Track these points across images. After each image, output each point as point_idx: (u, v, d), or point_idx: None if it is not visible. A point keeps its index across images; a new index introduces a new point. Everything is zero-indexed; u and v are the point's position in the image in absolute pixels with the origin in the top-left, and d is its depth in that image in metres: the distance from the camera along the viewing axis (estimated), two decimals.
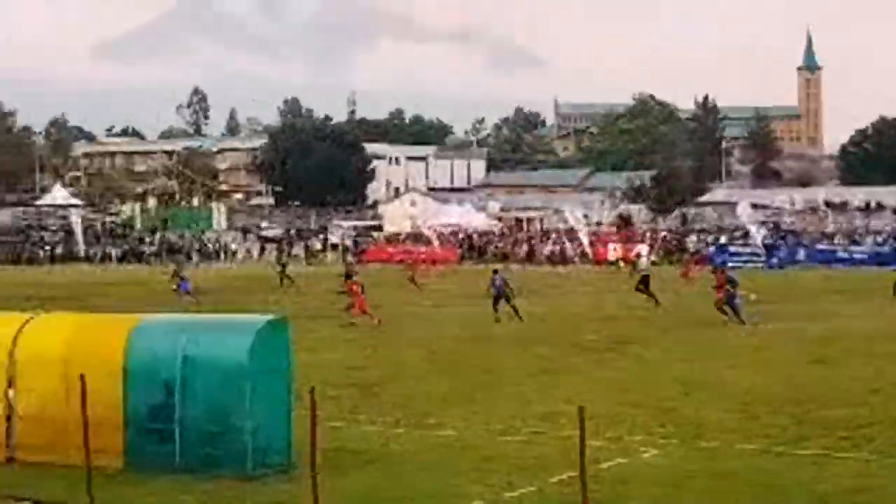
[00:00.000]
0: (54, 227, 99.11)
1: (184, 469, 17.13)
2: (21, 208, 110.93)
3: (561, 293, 52.40)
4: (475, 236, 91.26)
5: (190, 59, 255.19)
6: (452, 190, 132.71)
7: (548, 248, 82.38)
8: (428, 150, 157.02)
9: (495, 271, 42.57)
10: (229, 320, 20.30)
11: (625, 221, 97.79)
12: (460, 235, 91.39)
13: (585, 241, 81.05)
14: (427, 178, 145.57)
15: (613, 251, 78.78)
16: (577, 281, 59.71)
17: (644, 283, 45.12)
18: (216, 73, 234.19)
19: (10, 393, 18.55)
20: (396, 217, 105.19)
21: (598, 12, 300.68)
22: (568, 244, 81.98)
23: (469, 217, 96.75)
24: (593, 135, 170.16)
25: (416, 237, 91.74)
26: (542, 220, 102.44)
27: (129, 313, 21.16)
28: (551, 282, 57.47)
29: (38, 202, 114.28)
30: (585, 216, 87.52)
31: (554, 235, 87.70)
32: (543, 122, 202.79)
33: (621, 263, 64.08)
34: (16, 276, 69.49)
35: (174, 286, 49.90)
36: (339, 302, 42.45)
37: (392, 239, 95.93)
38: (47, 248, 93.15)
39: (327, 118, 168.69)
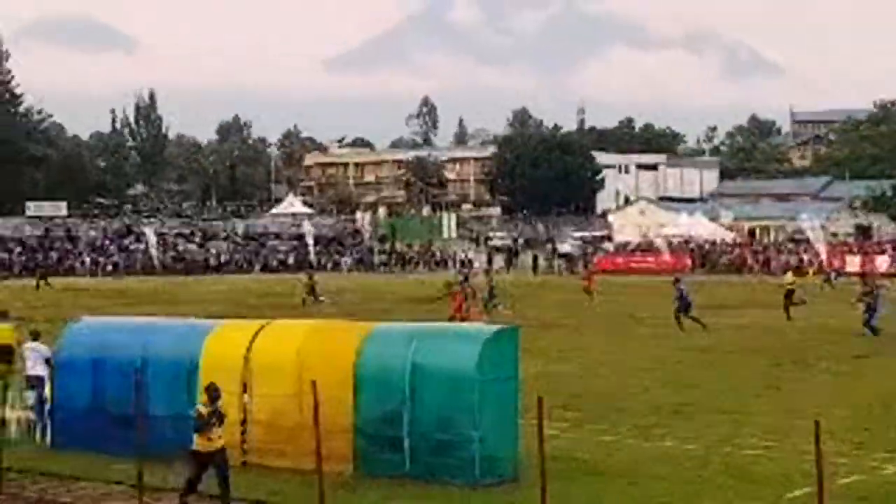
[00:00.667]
0: (286, 236, 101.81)
1: (412, 477, 17.23)
2: (255, 219, 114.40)
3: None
4: (707, 246, 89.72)
5: (420, 69, 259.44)
6: (683, 199, 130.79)
7: (783, 259, 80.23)
8: (658, 158, 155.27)
9: (676, 279, 42.28)
10: (458, 329, 20.37)
11: (864, 232, 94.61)
12: (691, 245, 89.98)
13: (823, 252, 78.68)
14: (657, 187, 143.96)
15: (852, 263, 76.39)
16: (811, 293, 57.92)
17: (788, 297, 44.63)
18: (445, 84, 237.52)
19: (246, 398, 19.01)
20: (626, 226, 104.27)
21: (837, 18, 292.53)
22: (804, 255, 79.80)
23: (700, 226, 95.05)
24: (832, 142, 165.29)
25: (646, 247, 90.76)
26: (776, 231, 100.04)
27: (359, 321, 21.44)
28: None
29: (273, 211, 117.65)
30: (822, 227, 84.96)
31: (790, 246, 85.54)
32: (779, 131, 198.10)
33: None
34: (249, 285, 71.55)
35: (304, 295, 51.95)
36: (568, 313, 42.28)
37: (621, 249, 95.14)
38: (280, 256, 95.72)
39: (556, 127, 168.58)
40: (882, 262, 76.00)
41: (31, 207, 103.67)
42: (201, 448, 16.03)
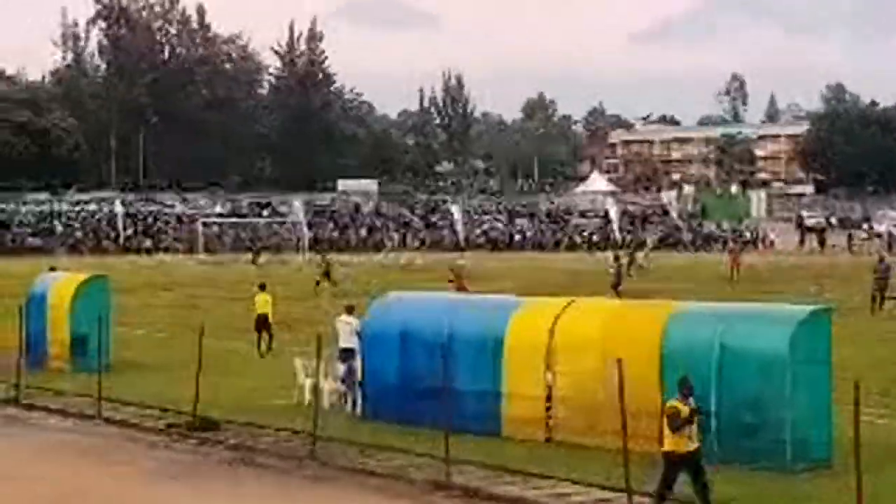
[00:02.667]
0: (591, 214, 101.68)
1: (721, 460, 16.80)
2: (559, 196, 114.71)
3: None
4: None
5: (728, 44, 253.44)
6: None
7: None
8: None
9: (881, 259, 40.26)
10: (769, 310, 19.74)
11: None
12: None
13: None
14: None
15: None
16: None
17: None
18: (755, 59, 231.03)
19: (549, 375, 18.99)
20: None
21: None
22: None
23: None
24: None
25: None
26: None
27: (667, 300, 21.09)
28: None
29: (577, 189, 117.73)
30: None
31: None
32: None
33: None
34: (554, 262, 71.76)
35: (317, 279, 48.94)
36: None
37: None
38: (585, 234, 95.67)
39: (873, 103, 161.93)
40: None
41: (343, 185, 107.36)
42: (675, 448, 14.48)
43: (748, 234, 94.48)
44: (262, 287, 31.95)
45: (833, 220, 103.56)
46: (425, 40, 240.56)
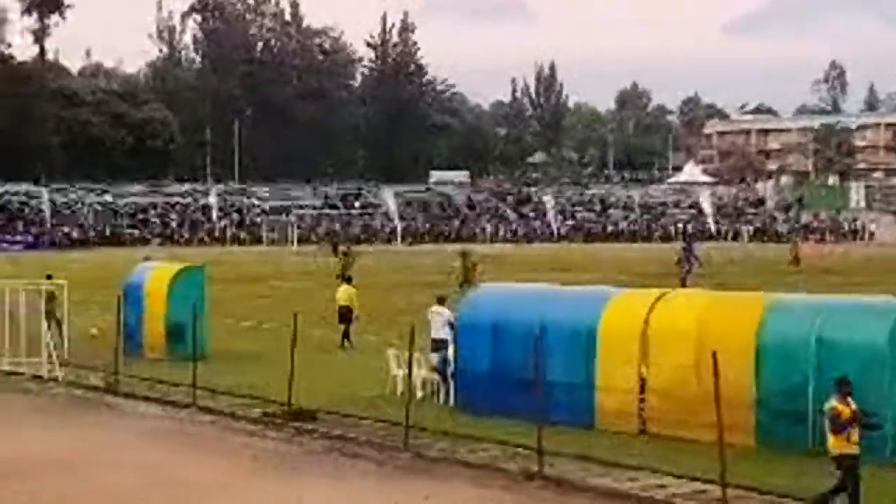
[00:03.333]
0: (685, 205, 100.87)
1: (817, 452, 16.55)
2: (653, 187, 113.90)
3: None
4: None
5: (825, 32, 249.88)
6: None
7: None
8: None
9: None
10: (868, 303, 19.42)
11: None
12: None
13: None
14: None
15: None
16: None
17: None
18: (854, 47, 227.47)
19: (643, 368, 18.86)
20: None
21: None
22: None
23: None
24: None
25: None
26: None
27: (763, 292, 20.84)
28: None
29: (671, 180, 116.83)
30: None
31: None
32: None
33: None
34: (649, 253, 71.26)
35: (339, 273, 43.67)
36: None
37: None
38: (679, 225, 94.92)
39: None
40: None
41: (435, 176, 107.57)
42: (843, 450, 13.98)
43: (846, 226, 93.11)
44: (348, 279, 32.13)
45: None
46: (518, 31, 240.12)
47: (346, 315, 30.33)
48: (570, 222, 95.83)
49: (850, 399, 14.06)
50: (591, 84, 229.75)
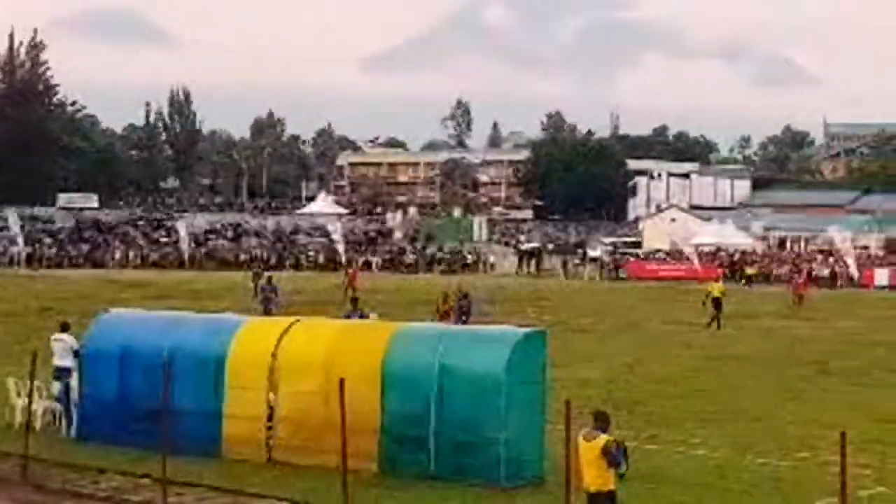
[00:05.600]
0: (317, 235, 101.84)
1: (437, 477, 17.17)
2: (286, 216, 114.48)
3: (829, 314, 50.74)
4: (737, 255, 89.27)
5: (455, 72, 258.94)
6: (715, 208, 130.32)
7: (815, 269, 79.73)
8: (691, 167, 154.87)
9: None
10: (487, 332, 20.29)
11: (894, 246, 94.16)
12: (721, 254, 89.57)
13: (852, 264, 78.29)
14: (689, 195, 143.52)
15: (881, 276, 76.13)
16: (840, 302, 57.68)
17: (717, 307, 43.81)
18: (480, 87, 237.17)
19: (271, 395, 18.98)
20: (656, 233, 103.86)
21: (874, 31, 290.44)
22: (835, 267, 79.44)
23: (731, 236, 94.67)
24: (864, 155, 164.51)
25: (676, 255, 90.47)
26: (806, 241, 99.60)
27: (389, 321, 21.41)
28: (816, 304, 55.62)
29: (304, 209, 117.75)
30: (853, 239, 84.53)
31: (820, 257, 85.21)
32: (812, 142, 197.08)
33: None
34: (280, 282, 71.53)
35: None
36: (598, 319, 42.09)
37: (651, 255, 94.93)
38: (311, 254, 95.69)
39: (590, 133, 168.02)
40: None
41: (63, 199, 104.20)
42: (609, 486, 13.31)
43: (470, 258, 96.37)
44: None
45: (550, 246, 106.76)
46: (154, 55, 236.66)
47: None
48: (202, 249, 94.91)
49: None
50: (226, 111, 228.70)
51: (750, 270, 79.01)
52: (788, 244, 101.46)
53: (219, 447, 19.14)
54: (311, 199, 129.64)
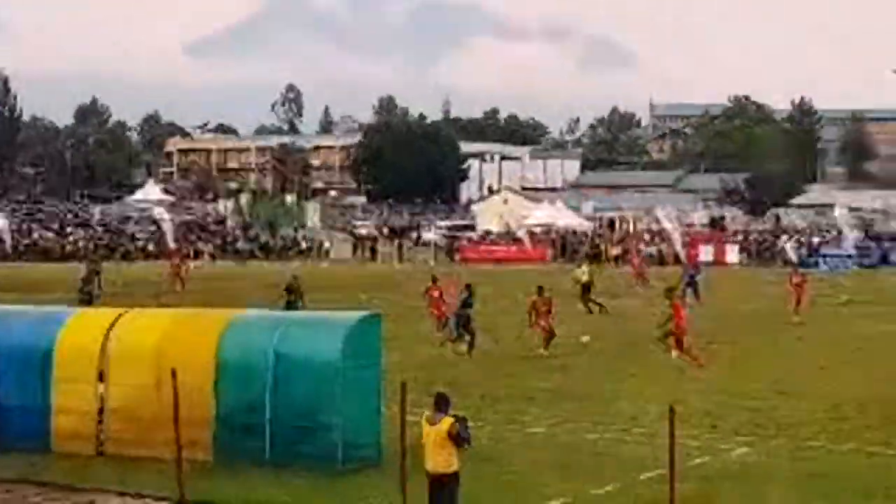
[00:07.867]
0: (145, 223, 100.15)
1: (273, 464, 17.07)
2: (114, 204, 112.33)
3: (653, 294, 51.76)
4: (568, 236, 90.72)
5: (284, 56, 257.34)
6: (546, 189, 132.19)
7: (643, 249, 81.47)
8: (523, 149, 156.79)
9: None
10: (322, 317, 20.22)
11: (718, 223, 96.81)
12: (552, 235, 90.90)
13: (678, 242, 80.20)
14: (521, 177, 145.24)
15: (707, 252, 78.17)
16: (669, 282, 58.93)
17: (585, 291, 43.81)
18: (310, 71, 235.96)
19: (101, 388, 18.58)
20: (489, 216, 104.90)
21: (695, 12, 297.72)
22: (661, 245, 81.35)
23: (562, 217, 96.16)
24: (688, 136, 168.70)
25: (509, 236, 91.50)
26: (635, 221, 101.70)
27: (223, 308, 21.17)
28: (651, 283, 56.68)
29: (132, 198, 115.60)
30: (678, 218, 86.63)
31: (647, 237, 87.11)
32: (639, 123, 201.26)
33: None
34: (109, 273, 70.26)
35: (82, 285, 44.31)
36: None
37: (484, 237, 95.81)
38: (140, 243, 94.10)
39: (422, 117, 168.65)
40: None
41: None
42: (455, 468, 13.52)
43: (304, 244, 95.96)
44: None
45: (384, 230, 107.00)
46: None
47: None
48: (26, 241, 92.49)
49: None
50: (48, 98, 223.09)
51: (614, 251, 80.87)
52: (618, 224, 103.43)
53: (48, 442, 18.68)
54: (138, 186, 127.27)
